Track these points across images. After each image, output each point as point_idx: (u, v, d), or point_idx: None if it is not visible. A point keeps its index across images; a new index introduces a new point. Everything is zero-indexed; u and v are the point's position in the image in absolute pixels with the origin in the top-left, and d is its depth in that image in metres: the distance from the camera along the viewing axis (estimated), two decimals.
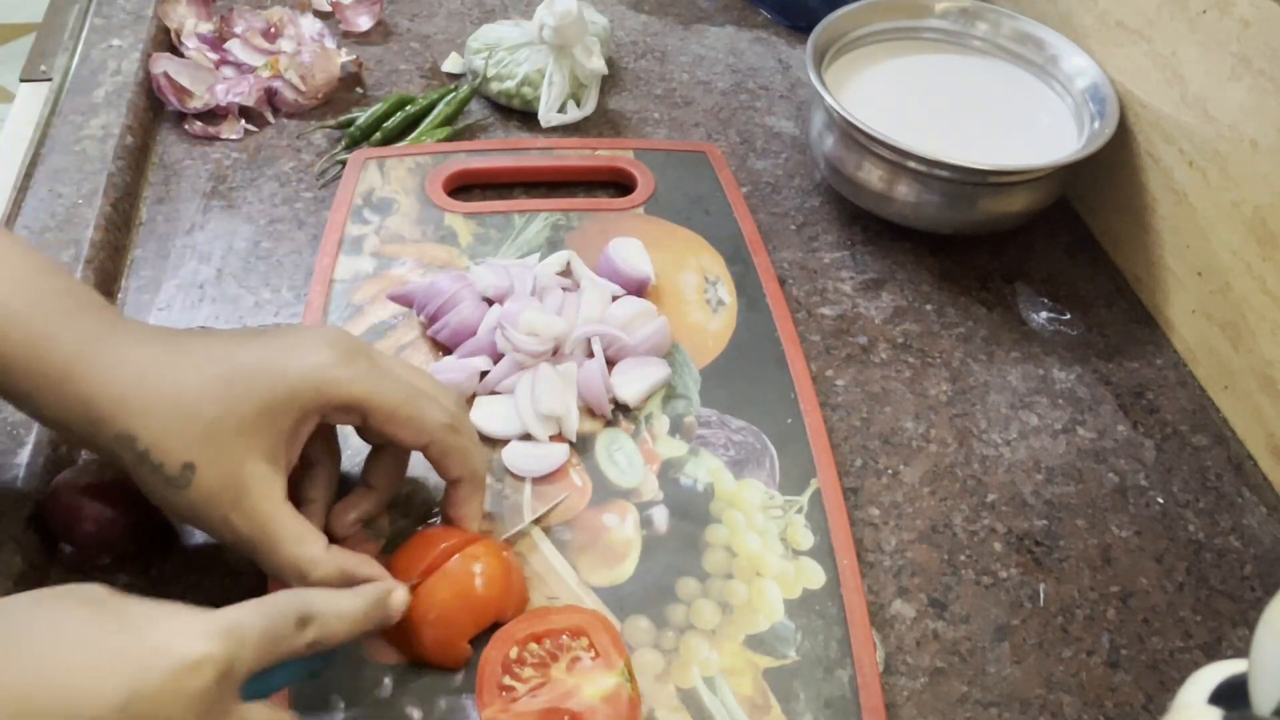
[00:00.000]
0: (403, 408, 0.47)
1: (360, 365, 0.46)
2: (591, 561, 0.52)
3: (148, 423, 0.43)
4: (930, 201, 0.69)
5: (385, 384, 0.46)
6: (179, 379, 0.44)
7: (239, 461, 0.44)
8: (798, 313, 0.68)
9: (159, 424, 0.43)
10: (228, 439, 0.44)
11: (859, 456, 0.60)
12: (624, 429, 0.58)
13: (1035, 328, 0.69)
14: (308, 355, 0.45)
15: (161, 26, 0.83)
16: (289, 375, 0.45)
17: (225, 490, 0.44)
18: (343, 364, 0.46)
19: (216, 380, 0.44)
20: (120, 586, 0.50)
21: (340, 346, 0.46)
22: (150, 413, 0.43)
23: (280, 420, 0.45)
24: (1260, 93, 0.60)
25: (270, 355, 0.45)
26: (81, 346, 0.44)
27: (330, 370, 0.45)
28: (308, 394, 0.45)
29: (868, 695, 0.48)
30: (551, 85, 0.79)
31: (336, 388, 0.45)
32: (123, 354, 0.44)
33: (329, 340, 0.46)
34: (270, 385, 0.44)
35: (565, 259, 0.65)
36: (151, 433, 0.43)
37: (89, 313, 0.45)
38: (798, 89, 0.87)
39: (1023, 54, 0.78)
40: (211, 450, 0.44)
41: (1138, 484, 0.61)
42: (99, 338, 0.44)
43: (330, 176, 0.74)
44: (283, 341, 0.46)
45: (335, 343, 0.46)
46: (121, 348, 0.44)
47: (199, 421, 0.43)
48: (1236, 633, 0.54)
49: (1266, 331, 0.61)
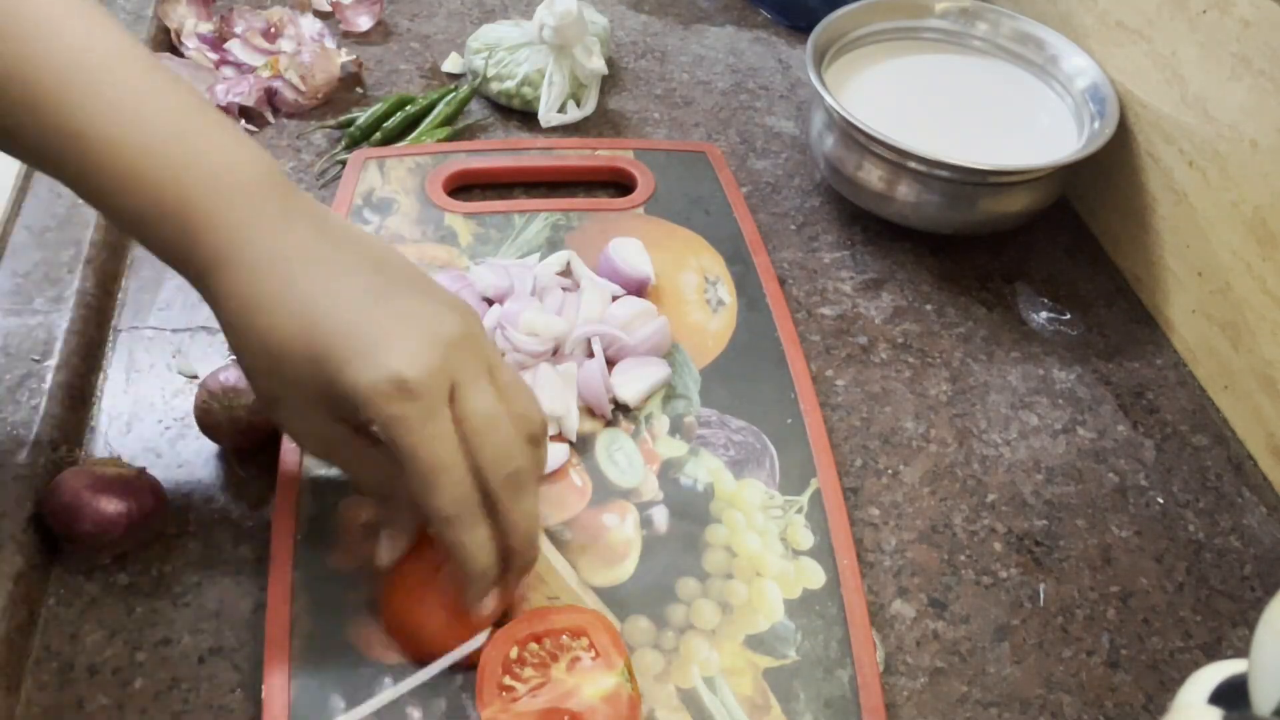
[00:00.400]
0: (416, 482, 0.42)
1: (421, 403, 0.41)
2: (591, 561, 0.52)
3: (248, 346, 0.44)
4: (930, 201, 0.69)
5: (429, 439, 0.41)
6: (277, 325, 0.43)
7: (311, 403, 0.44)
8: (798, 313, 0.68)
9: (249, 363, 0.45)
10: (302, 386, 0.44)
11: (859, 456, 0.60)
12: (624, 429, 0.58)
13: (1035, 328, 0.69)
14: (392, 357, 0.41)
15: (161, 26, 0.83)
16: (350, 379, 0.41)
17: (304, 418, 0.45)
18: (404, 398, 0.41)
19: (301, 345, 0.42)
20: (120, 586, 0.51)
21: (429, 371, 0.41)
22: (248, 348, 0.44)
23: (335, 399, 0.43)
24: (1260, 93, 0.60)
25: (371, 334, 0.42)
26: (231, 237, 0.43)
27: (383, 392, 0.41)
28: (348, 407, 0.42)
29: (868, 695, 0.48)
30: (551, 85, 0.79)
31: (375, 415, 0.41)
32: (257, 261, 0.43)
33: (434, 339, 0.42)
34: (330, 382, 0.42)
35: (565, 259, 0.65)
36: (249, 357, 0.44)
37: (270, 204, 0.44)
38: (798, 89, 0.87)
39: (1023, 54, 0.78)
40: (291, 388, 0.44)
41: (1138, 484, 0.61)
42: (251, 225, 0.43)
43: (330, 176, 0.74)
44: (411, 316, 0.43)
45: (437, 340, 0.42)
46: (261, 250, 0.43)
47: (275, 381, 0.44)
48: (1236, 633, 0.54)
49: (1266, 331, 0.61)
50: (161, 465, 0.55)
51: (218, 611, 0.50)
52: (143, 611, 0.50)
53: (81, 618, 0.50)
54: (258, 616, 0.50)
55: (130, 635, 0.49)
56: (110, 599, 0.50)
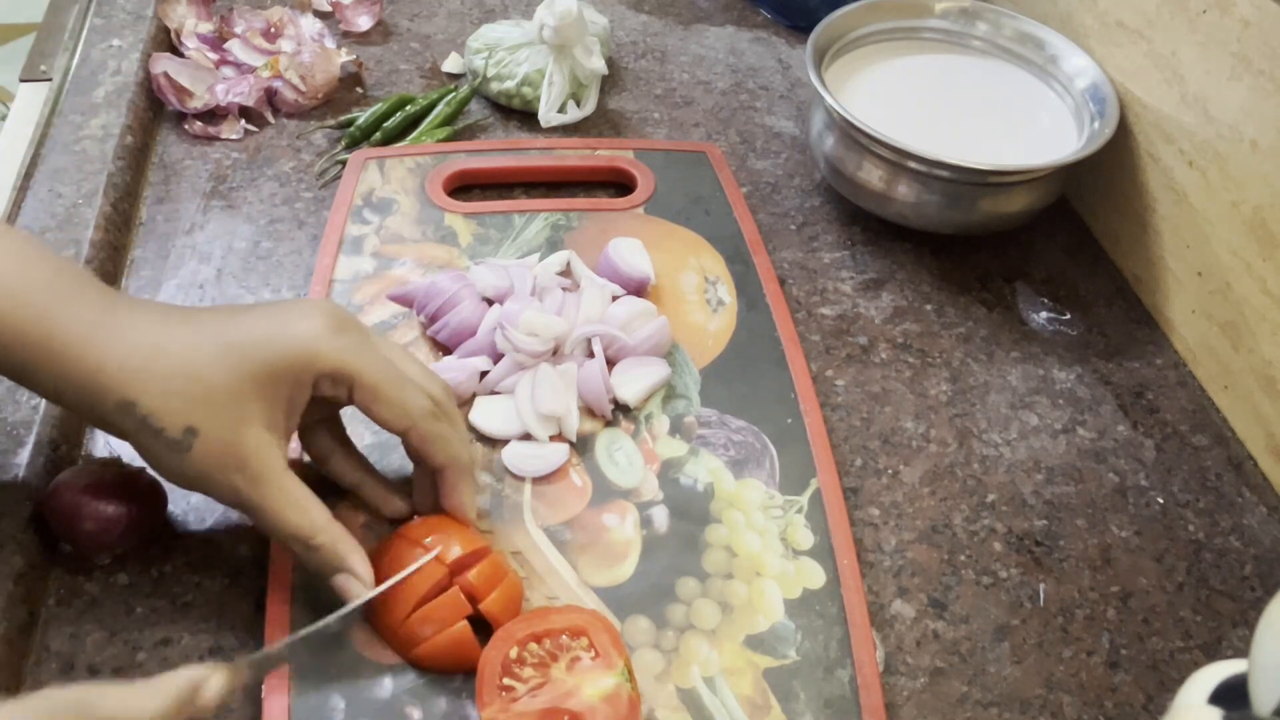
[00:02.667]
0: (386, 386, 0.47)
1: (352, 337, 0.47)
2: (591, 561, 0.52)
3: (148, 388, 0.44)
4: (930, 201, 0.69)
5: (373, 360, 0.47)
6: (178, 348, 0.45)
7: (240, 426, 0.45)
8: (798, 313, 0.68)
9: (160, 389, 0.44)
10: (228, 403, 0.44)
11: (859, 456, 0.60)
12: (624, 429, 0.58)
13: (1035, 328, 0.69)
14: (302, 324, 0.46)
15: (161, 26, 0.83)
16: (285, 343, 0.46)
17: (228, 454, 0.45)
18: (335, 333, 0.46)
19: (215, 347, 0.45)
20: (120, 586, 0.51)
21: (334, 317, 0.47)
22: (151, 379, 0.44)
23: (279, 388, 0.46)
24: (1260, 93, 0.60)
25: (267, 325, 0.46)
26: (81, 320, 0.44)
27: (323, 338, 0.46)
28: (301, 361, 0.46)
29: (868, 695, 0.48)
30: (551, 85, 0.79)
31: (328, 356, 0.46)
32: (121, 326, 0.45)
33: (323, 310, 0.47)
34: (267, 353, 0.45)
35: (565, 259, 0.65)
36: (152, 398, 0.44)
37: (89, 289, 0.46)
38: (798, 89, 0.87)
39: (1023, 54, 0.78)
40: (213, 414, 0.44)
41: (1138, 484, 0.61)
42: (99, 311, 0.45)
43: (330, 176, 0.74)
44: (278, 312, 0.47)
45: (329, 313, 0.47)
46: (120, 320, 0.45)
47: (199, 386, 0.44)
48: (1236, 633, 0.54)
49: (1266, 331, 0.61)
50: None
51: (218, 611, 0.50)
52: (143, 611, 0.50)
53: (81, 618, 0.50)
54: (258, 616, 0.50)
55: (130, 635, 0.49)
56: (110, 599, 0.50)
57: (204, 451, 0.44)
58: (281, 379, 0.46)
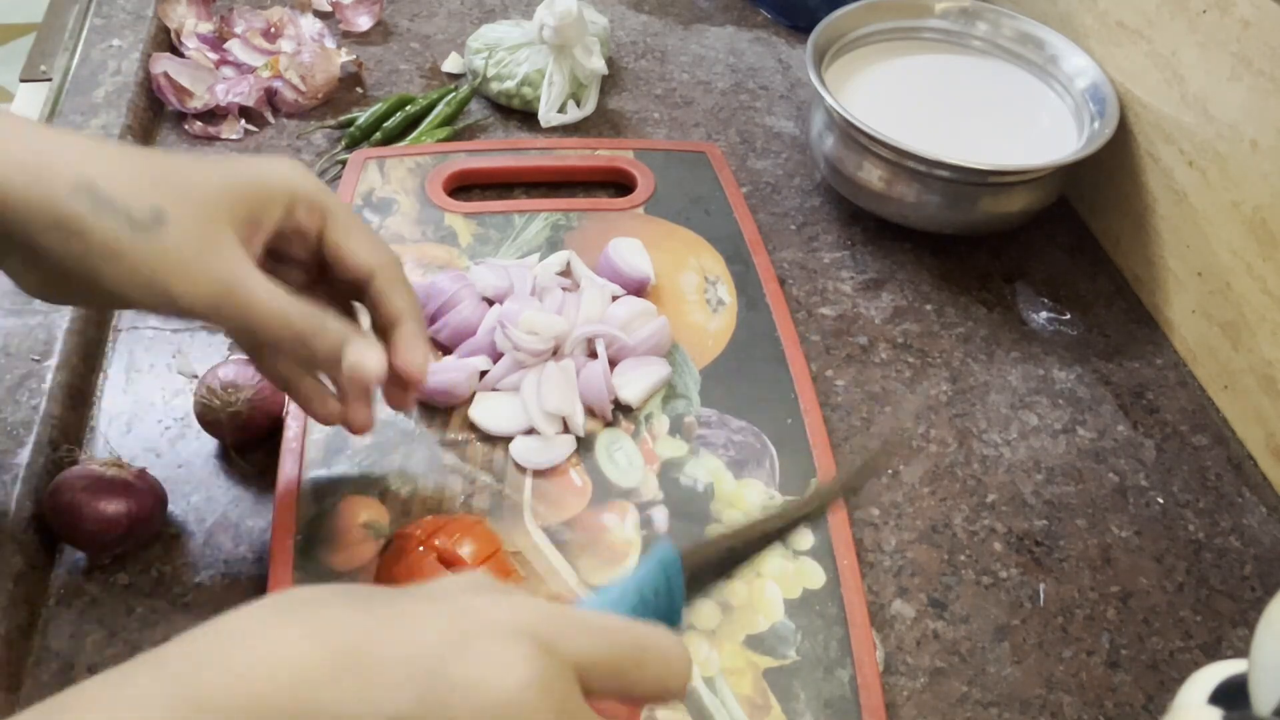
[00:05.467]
0: (359, 223, 0.48)
1: (323, 184, 0.48)
2: (591, 561, 0.52)
3: (111, 169, 0.40)
4: (930, 201, 0.69)
5: (345, 204, 0.49)
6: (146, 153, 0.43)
7: (210, 217, 0.42)
8: (798, 313, 0.68)
9: (126, 169, 0.41)
10: (199, 193, 0.42)
11: (859, 456, 0.60)
12: (624, 429, 0.58)
13: (1035, 328, 0.69)
14: (281, 162, 0.47)
15: (161, 26, 0.83)
16: (259, 166, 0.46)
17: (197, 239, 0.41)
18: (310, 176, 0.47)
19: (186, 158, 0.45)
20: (120, 586, 0.51)
21: (309, 170, 0.48)
22: (115, 161, 0.41)
23: (249, 198, 0.44)
24: (1260, 93, 0.60)
25: (243, 160, 0.46)
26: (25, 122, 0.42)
27: (300, 172, 0.46)
28: (277, 181, 0.45)
29: (868, 695, 0.48)
30: (551, 85, 0.79)
31: (305, 184, 0.46)
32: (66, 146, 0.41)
33: (297, 164, 0.47)
34: (240, 169, 0.45)
35: (565, 259, 0.65)
36: (116, 178, 0.40)
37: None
38: (798, 89, 0.87)
39: (1023, 54, 0.78)
40: (181, 199, 0.41)
41: (1138, 484, 0.61)
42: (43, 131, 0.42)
43: (330, 177, 0.74)
44: (255, 158, 0.47)
45: (303, 166, 0.48)
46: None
47: (171, 170, 0.42)
48: (1236, 633, 0.54)
49: (1266, 331, 0.61)
50: (161, 465, 0.55)
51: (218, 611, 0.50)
52: (143, 611, 0.50)
53: (81, 618, 0.50)
54: None
55: (130, 635, 0.49)
56: (110, 599, 0.50)
57: (171, 234, 0.40)
58: (253, 191, 0.44)
